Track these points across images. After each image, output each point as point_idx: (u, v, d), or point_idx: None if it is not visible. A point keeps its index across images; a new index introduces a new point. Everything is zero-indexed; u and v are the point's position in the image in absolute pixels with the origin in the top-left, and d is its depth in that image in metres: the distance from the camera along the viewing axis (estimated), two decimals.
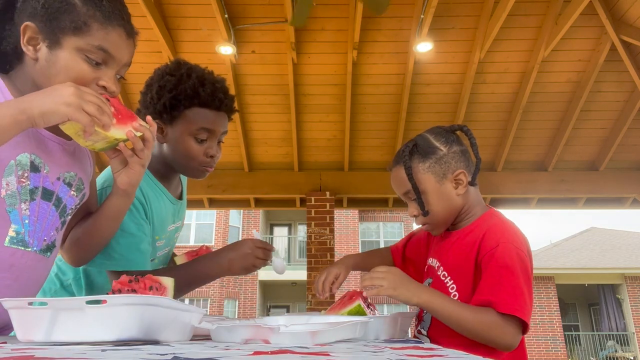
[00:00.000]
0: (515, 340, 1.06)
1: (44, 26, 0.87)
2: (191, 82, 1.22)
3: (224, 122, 1.29)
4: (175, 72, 1.25)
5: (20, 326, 0.71)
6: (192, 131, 1.22)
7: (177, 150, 1.24)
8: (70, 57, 0.88)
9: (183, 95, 1.21)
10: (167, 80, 1.23)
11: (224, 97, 1.26)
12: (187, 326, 0.80)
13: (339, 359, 0.54)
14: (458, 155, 1.20)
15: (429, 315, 1.21)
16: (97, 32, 0.89)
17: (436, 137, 1.21)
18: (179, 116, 1.22)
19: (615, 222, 70.56)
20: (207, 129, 1.24)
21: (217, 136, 1.28)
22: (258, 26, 4.36)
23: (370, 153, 5.39)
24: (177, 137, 1.23)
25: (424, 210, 1.18)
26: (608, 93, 4.89)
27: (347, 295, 1.17)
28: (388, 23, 4.38)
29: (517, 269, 1.07)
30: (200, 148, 1.24)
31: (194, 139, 1.23)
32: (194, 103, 1.22)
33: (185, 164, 1.26)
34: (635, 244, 15.61)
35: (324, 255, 5.13)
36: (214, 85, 1.25)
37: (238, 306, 15.14)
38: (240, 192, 5.52)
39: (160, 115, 1.22)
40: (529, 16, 4.29)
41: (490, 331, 1.04)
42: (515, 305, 1.04)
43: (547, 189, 5.43)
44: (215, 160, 1.29)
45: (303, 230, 16.81)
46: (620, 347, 14.13)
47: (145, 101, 1.26)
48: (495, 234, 1.12)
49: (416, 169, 1.18)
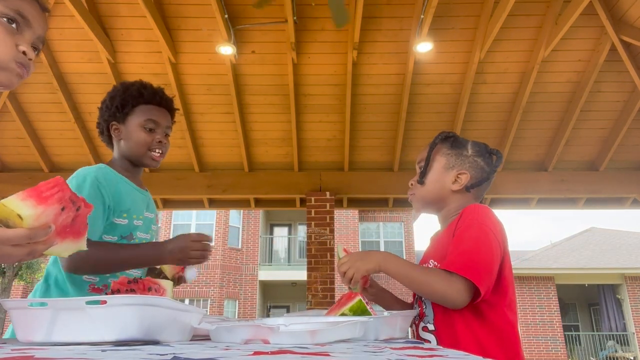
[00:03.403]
0: (459, 296, 1.11)
1: None
2: (135, 87, 1.54)
3: (167, 117, 1.57)
4: (122, 84, 1.57)
5: (20, 326, 0.71)
6: (141, 122, 1.51)
7: (130, 142, 1.51)
8: None
9: (130, 97, 1.52)
10: (117, 90, 1.55)
11: (163, 96, 1.57)
12: (187, 326, 0.80)
13: (339, 359, 0.54)
14: (475, 164, 1.33)
15: (430, 309, 1.24)
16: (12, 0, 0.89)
17: (473, 144, 1.37)
18: (130, 113, 1.52)
19: (615, 222, 70.61)
20: (152, 120, 1.52)
21: (162, 128, 1.54)
22: (258, 26, 4.36)
23: (370, 153, 5.39)
24: (129, 131, 1.51)
25: (422, 178, 1.34)
26: (608, 93, 4.89)
27: (344, 297, 1.17)
28: (388, 23, 4.38)
29: (473, 239, 1.16)
30: (149, 136, 1.51)
31: (143, 129, 1.51)
32: (140, 101, 1.52)
33: (139, 151, 1.51)
34: (635, 244, 15.60)
35: (324, 256, 5.13)
36: (154, 88, 1.57)
37: (238, 306, 15.14)
38: (240, 192, 5.52)
39: (114, 116, 1.52)
40: (529, 16, 4.29)
41: (435, 286, 1.14)
42: (458, 264, 1.12)
43: (547, 189, 5.43)
44: (163, 147, 1.54)
45: (303, 230, 16.81)
46: (620, 347, 14.13)
47: (102, 111, 1.56)
48: (466, 213, 1.22)
49: (439, 149, 1.36)
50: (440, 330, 1.20)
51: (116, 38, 4.48)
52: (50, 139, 5.27)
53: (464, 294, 1.11)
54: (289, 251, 17.27)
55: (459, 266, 1.12)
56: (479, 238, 1.15)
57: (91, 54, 4.52)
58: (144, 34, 4.42)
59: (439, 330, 1.21)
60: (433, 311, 1.23)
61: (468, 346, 1.14)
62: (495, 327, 1.17)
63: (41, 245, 0.73)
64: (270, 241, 17.27)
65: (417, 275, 1.17)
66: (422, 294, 1.21)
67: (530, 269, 13.91)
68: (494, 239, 1.16)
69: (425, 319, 1.25)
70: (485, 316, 1.16)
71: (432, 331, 1.22)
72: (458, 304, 1.13)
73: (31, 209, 0.69)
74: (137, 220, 1.49)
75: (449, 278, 1.12)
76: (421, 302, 1.28)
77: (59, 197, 0.72)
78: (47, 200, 0.71)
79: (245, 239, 15.87)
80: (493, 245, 1.15)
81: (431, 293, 1.17)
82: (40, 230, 0.71)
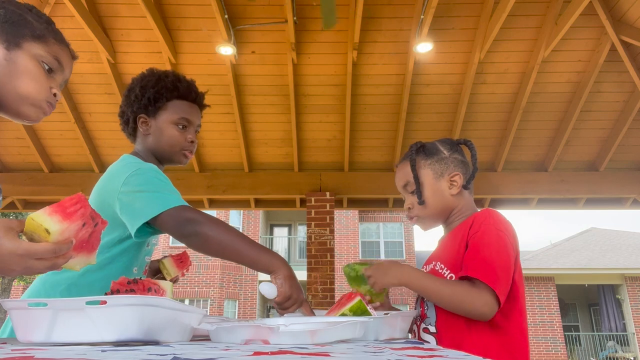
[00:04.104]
0: (488, 309, 1.09)
1: (2, 29, 0.96)
2: (169, 79, 1.41)
3: (198, 114, 1.47)
4: (154, 74, 1.43)
5: (20, 327, 0.71)
6: (174, 120, 1.40)
7: (161, 139, 1.40)
8: (29, 59, 0.98)
9: (164, 90, 1.39)
10: (148, 80, 1.41)
11: (198, 93, 1.46)
12: (187, 327, 0.80)
13: (339, 359, 0.54)
14: (457, 161, 1.32)
15: (432, 311, 1.22)
16: (53, 45, 1.01)
17: (441, 143, 1.35)
18: (162, 107, 1.40)
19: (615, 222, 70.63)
20: (186, 119, 1.41)
21: (194, 126, 1.44)
22: (258, 27, 4.37)
23: (370, 153, 5.39)
24: (161, 127, 1.40)
25: (421, 199, 1.30)
26: (608, 93, 4.89)
27: (344, 297, 1.17)
28: (388, 23, 4.38)
29: (492, 245, 1.14)
30: (182, 134, 1.41)
31: (175, 127, 1.40)
32: (174, 95, 1.40)
33: (169, 150, 1.41)
34: (635, 244, 15.61)
35: (324, 256, 5.13)
36: (188, 82, 1.45)
37: (238, 307, 15.14)
38: (240, 192, 5.52)
39: (145, 109, 1.39)
40: (529, 16, 4.29)
41: (463, 299, 1.11)
42: (483, 273, 1.10)
43: (547, 190, 5.43)
44: (194, 146, 1.44)
45: (303, 230, 16.82)
46: (620, 347, 14.13)
47: (129, 100, 1.42)
48: (480, 219, 1.21)
49: (419, 163, 1.33)
50: (441, 333, 1.19)
51: (116, 38, 4.48)
52: (51, 139, 5.27)
53: (493, 306, 1.09)
54: (289, 251, 17.27)
55: (483, 275, 1.09)
56: (499, 245, 1.14)
57: (91, 54, 4.52)
58: (144, 34, 4.42)
59: (440, 332, 1.20)
60: (435, 314, 1.22)
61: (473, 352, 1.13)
62: (505, 333, 1.15)
63: (61, 259, 0.76)
64: (270, 241, 17.27)
65: (442, 289, 1.14)
66: (448, 307, 1.16)
67: (530, 269, 13.91)
68: (510, 245, 1.16)
69: (426, 321, 1.24)
70: (495, 323, 1.13)
71: (433, 333, 1.21)
72: (488, 315, 1.11)
73: (58, 224, 0.72)
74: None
75: (475, 291, 1.10)
76: (423, 302, 1.27)
77: (81, 214, 0.76)
78: (72, 216, 0.74)
79: None
80: (510, 253, 1.15)
81: (458, 305, 1.13)
82: (64, 244, 0.75)
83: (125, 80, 4.80)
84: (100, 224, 0.82)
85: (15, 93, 0.96)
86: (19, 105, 0.98)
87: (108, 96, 4.82)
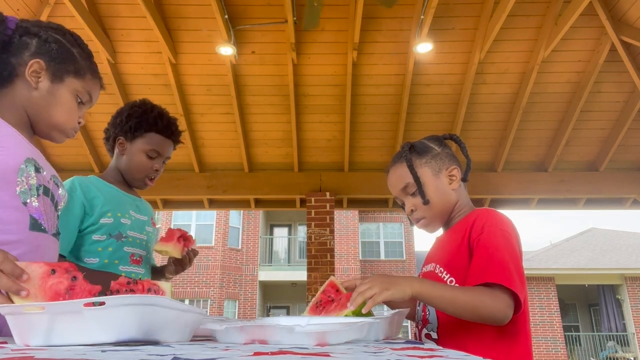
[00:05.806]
0: (509, 312, 1.06)
1: (51, 65, 1.08)
2: (153, 114, 1.62)
3: (170, 148, 1.68)
4: (143, 106, 1.65)
5: (17, 332, 0.71)
6: (146, 149, 1.61)
7: (131, 162, 1.61)
8: (68, 93, 1.11)
9: (145, 122, 1.60)
10: (136, 110, 1.63)
11: (174, 130, 1.67)
12: (187, 327, 0.80)
13: (339, 359, 0.54)
14: (450, 155, 1.32)
15: (433, 316, 1.21)
16: (89, 80, 1.15)
17: (429, 140, 1.34)
18: (140, 136, 1.61)
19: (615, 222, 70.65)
20: (156, 151, 1.62)
21: (162, 158, 1.65)
22: (258, 27, 4.37)
23: (370, 153, 5.39)
24: (134, 152, 1.61)
25: (425, 198, 1.25)
26: (608, 93, 4.89)
27: (344, 297, 1.16)
28: (388, 23, 4.38)
29: (502, 247, 1.11)
30: (149, 162, 1.62)
31: (146, 155, 1.61)
32: (153, 129, 1.61)
33: (134, 174, 1.62)
34: (635, 245, 15.61)
35: (324, 256, 5.13)
36: (169, 120, 1.65)
37: (238, 307, 15.14)
38: (240, 192, 5.52)
39: (125, 134, 1.61)
40: (528, 17, 4.29)
41: (483, 305, 1.05)
42: (501, 276, 1.06)
43: (547, 190, 5.43)
44: (158, 174, 1.65)
45: (303, 231, 16.81)
46: (620, 347, 14.13)
47: (116, 121, 1.64)
48: (482, 219, 1.17)
49: (415, 163, 1.28)
50: (442, 338, 1.18)
51: (116, 38, 4.48)
52: None
53: (510, 309, 1.06)
54: (289, 252, 17.27)
55: (502, 278, 1.05)
56: (507, 246, 1.11)
57: None
58: (144, 34, 4.42)
59: (441, 338, 1.18)
60: (437, 319, 1.20)
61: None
62: (509, 337, 1.13)
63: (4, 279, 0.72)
64: (270, 242, 17.27)
65: (458, 296, 1.06)
66: (465, 316, 1.08)
67: (530, 269, 13.90)
68: (517, 245, 1.15)
69: (428, 326, 1.23)
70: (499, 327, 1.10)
71: (434, 340, 1.20)
72: (508, 319, 1.07)
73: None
74: (124, 219, 1.53)
75: (495, 295, 1.05)
76: (425, 307, 1.25)
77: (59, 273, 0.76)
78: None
79: (245, 239, 15.87)
80: (518, 253, 1.14)
81: (479, 314, 1.06)
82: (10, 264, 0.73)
83: (126, 80, 4.80)
84: (81, 280, 0.77)
85: (49, 121, 1.10)
86: (50, 130, 1.12)
87: (108, 96, 4.81)
